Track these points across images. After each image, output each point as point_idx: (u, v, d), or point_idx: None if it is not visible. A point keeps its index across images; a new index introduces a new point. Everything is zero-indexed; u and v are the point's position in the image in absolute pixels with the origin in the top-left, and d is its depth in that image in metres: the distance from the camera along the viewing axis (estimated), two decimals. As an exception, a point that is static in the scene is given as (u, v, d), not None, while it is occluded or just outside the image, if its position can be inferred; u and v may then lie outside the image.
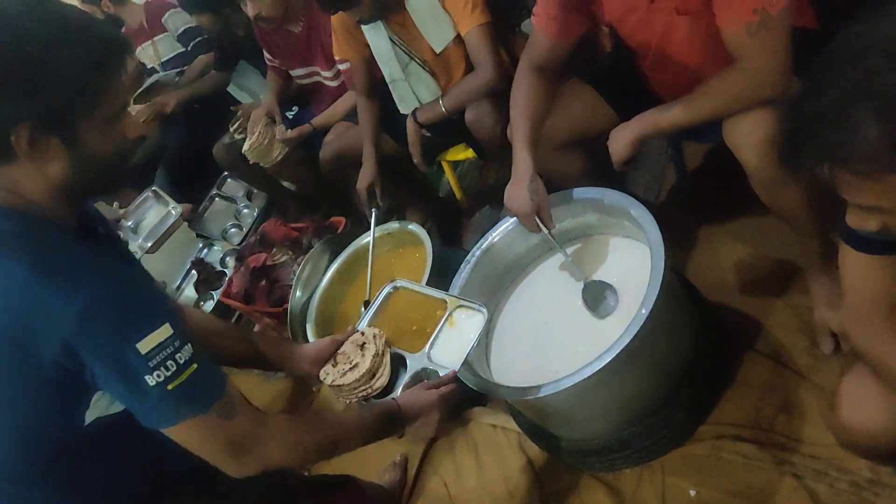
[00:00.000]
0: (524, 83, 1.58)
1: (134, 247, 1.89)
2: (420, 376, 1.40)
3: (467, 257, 1.69)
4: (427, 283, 1.84)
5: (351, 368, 1.38)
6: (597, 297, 1.50)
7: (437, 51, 2.04)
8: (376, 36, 2.07)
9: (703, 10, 1.34)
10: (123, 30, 3.38)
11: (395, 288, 1.58)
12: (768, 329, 1.62)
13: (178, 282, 3.17)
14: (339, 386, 1.38)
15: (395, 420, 1.24)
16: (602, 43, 2.04)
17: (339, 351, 1.44)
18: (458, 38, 2.02)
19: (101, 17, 1.44)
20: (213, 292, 3.03)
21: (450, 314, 1.44)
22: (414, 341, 1.44)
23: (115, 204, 2.38)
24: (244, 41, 2.88)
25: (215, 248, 3.26)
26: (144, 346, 0.93)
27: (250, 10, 2.36)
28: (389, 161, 2.43)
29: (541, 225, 1.49)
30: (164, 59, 3.37)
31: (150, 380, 0.94)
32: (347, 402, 1.44)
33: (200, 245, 3.25)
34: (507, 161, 2.08)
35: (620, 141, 1.45)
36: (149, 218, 2.01)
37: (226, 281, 2.95)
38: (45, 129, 0.92)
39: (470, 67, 2.06)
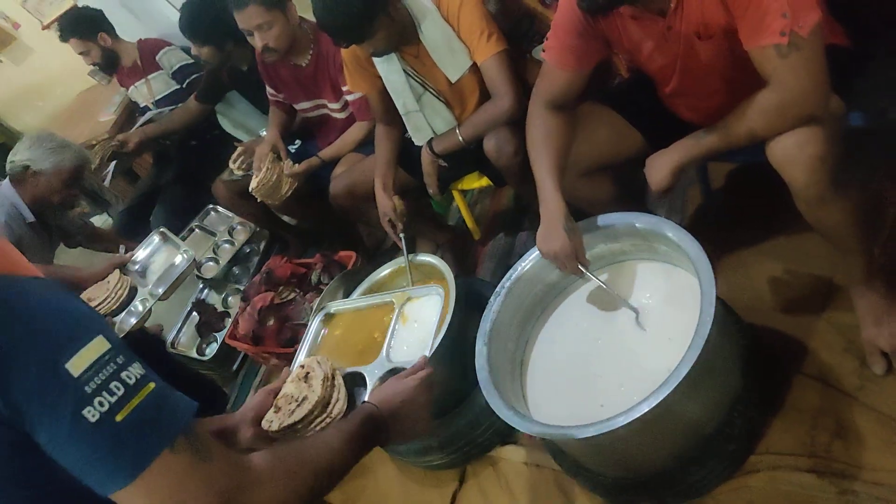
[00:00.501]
0: (540, 122, 1.54)
1: (144, 293, 1.82)
2: None
3: (497, 289, 1.64)
4: (452, 317, 1.78)
5: (299, 404, 1.22)
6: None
7: (453, 80, 2.01)
8: (389, 68, 2.03)
9: (725, 33, 1.31)
10: (119, 68, 3.33)
11: (327, 315, 1.47)
12: (813, 350, 1.57)
13: (179, 324, 3.08)
14: (292, 425, 1.19)
15: (376, 423, 1.05)
16: (616, 66, 2.02)
17: (278, 396, 1.26)
18: (473, 67, 1.99)
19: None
20: (216, 334, 2.94)
21: (399, 312, 1.33)
22: (368, 358, 1.32)
23: (122, 248, 2.32)
24: (244, 76, 2.84)
25: (217, 288, 3.17)
26: (77, 364, 0.71)
27: (258, 42, 2.30)
28: (400, 192, 2.38)
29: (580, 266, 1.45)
30: (159, 96, 3.31)
31: (91, 413, 0.70)
32: None
33: (201, 286, 3.16)
34: (526, 188, 2.06)
35: (660, 169, 1.41)
36: (157, 261, 1.94)
37: (230, 322, 2.87)
38: None
39: (485, 96, 2.03)
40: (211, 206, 3.25)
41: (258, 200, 2.64)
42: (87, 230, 2.64)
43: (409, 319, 1.30)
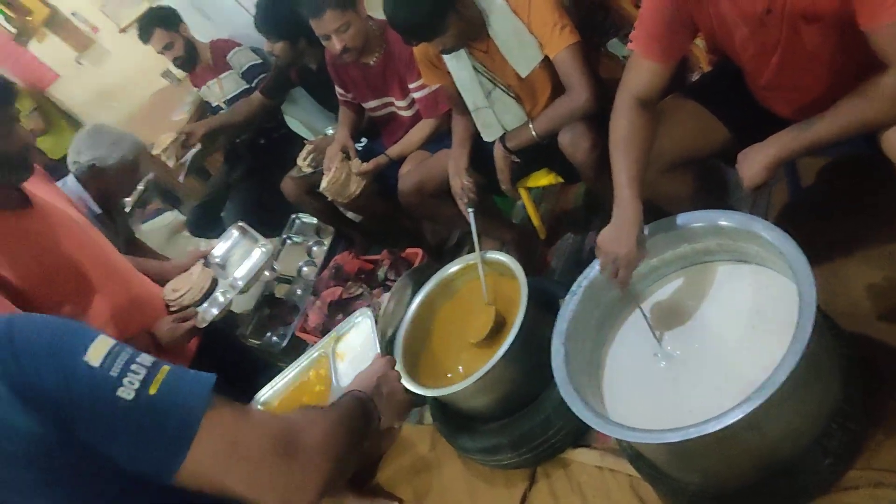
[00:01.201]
0: (625, 121, 1.48)
1: (224, 285, 1.86)
2: None
3: (573, 287, 1.59)
4: (524, 316, 1.75)
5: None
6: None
7: (523, 75, 1.98)
8: (458, 65, 2.02)
9: (836, 14, 1.23)
10: (196, 68, 3.40)
11: (262, 404, 1.52)
12: (917, 362, 1.47)
13: (250, 317, 3.15)
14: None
15: (365, 403, 1.09)
16: (696, 59, 1.95)
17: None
18: (544, 61, 1.95)
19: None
20: (285, 327, 3.00)
21: (333, 354, 1.34)
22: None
23: (202, 242, 2.39)
24: (313, 74, 2.87)
25: (286, 282, 3.24)
26: (93, 356, 0.75)
27: (336, 45, 2.32)
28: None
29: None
30: (230, 95, 3.39)
31: (125, 392, 0.73)
32: None
33: (271, 279, 3.22)
34: (601, 184, 2.00)
35: (755, 164, 1.34)
36: (236, 255, 1.98)
37: (299, 315, 2.92)
38: None
39: (557, 90, 1.99)
40: (294, 215, 3.34)
41: (328, 199, 2.66)
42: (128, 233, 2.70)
43: (346, 353, 1.34)
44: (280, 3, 2.58)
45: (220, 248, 2.01)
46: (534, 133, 1.97)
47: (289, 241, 3.35)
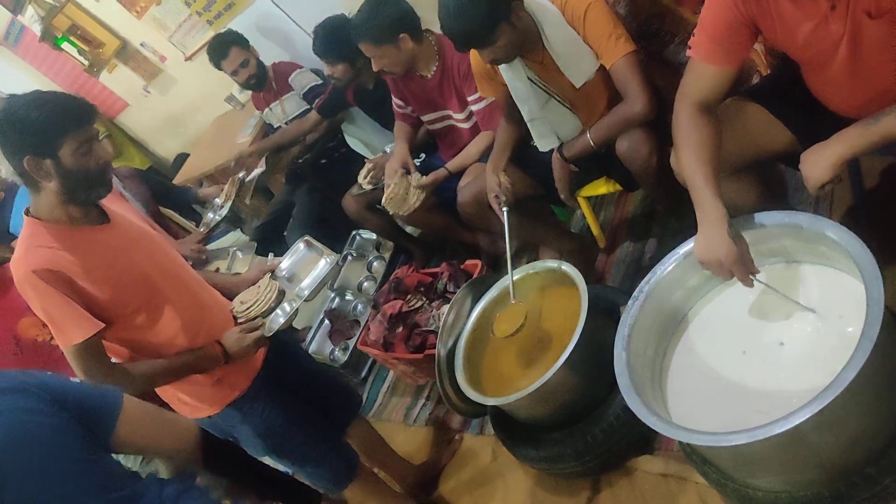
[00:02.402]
0: (691, 126, 1.47)
1: (291, 294, 1.93)
2: None
3: (635, 293, 1.59)
4: (584, 324, 1.77)
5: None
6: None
7: (577, 86, 2.00)
8: (514, 76, 2.05)
9: None
10: (265, 88, 3.53)
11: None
12: None
13: (312, 332, 3.23)
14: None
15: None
16: (754, 64, 1.94)
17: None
18: (599, 71, 1.97)
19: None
20: (347, 341, 3.07)
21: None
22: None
23: (270, 255, 2.47)
24: (370, 94, 2.96)
25: (347, 297, 3.31)
26: None
27: (374, 66, 2.44)
28: (523, 199, 2.39)
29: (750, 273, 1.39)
30: (291, 117, 3.51)
31: None
32: None
33: (332, 295, 3.30)
34: (661, 191, 2.01)
35: (820, 162, 1.32)
36: (302, 267, 2.06)
37: (360, 329, 2.98)
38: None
39: (613, 99, 2.01)
40: (355, 231, 3.43)
41: (388, 213, 2.73)
42: None
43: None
44: (337, 28, 2.69)
45: (286, 261, 2.09)
46: (591, 142, 1.99)
47: (349, 257, 3.44)
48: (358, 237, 3.45)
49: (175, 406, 1.86)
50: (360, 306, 3.21)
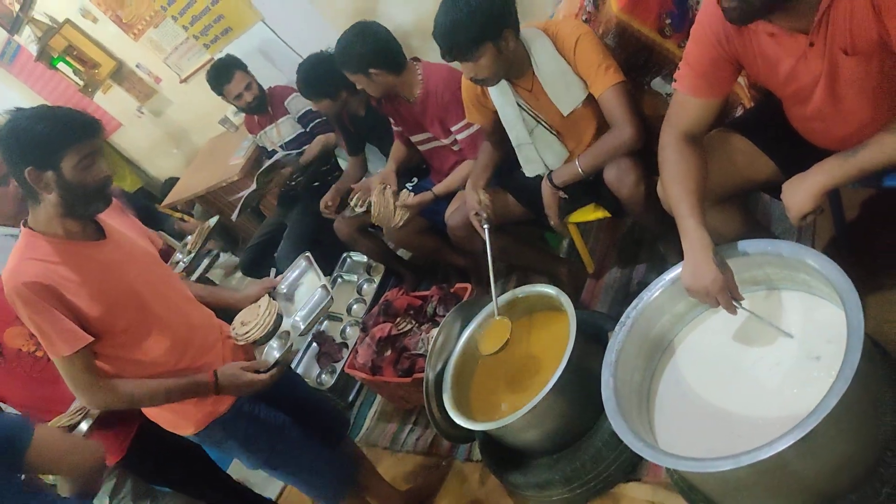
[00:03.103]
0: (677, 156, 1.51)
1: (288, 324, 1.95)
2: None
3: (622, 318, 1.61)
4: (573, 349, 1.78)
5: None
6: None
7: (565, 114, 2.04)
8: (504, 101, 2.09)
9: (875, 48, 1.26)
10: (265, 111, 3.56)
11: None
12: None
13: (300, 355, 3.22)
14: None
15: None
16: (738, 96, 1.98)
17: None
18: (587, 100, 2.01)
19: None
20: (335, 364, 3.06)
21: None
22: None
23: (273, 271, 2.50)
24: (362, 121, 3.00)
25: (335, 319, 3.31)
26: None
27: (357, 86, 2.52)
28: (514, 225, 2.42)
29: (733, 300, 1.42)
30: (286, 139, 3.54)
31: None
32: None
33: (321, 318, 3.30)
34: (648, 218, 2.03)
35: (801, 192, 1.36)
36: (302, 287, 2.08)
37: (349, 352, 2.98)
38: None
39: (600, 127, 2.04)
40: (346, 253, 3.45)
41: (380, 237, 2.75)
42: None
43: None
44: (315, 65, 2.79)
45: (287, 278, 2.10)
46: (580, 170, 2.02)
47: (340, 280, 3.45)
48: (349, 259, 3.46)
49: (157, 419, 1.86)
50: (348, 329, 3.21)
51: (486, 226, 2.21)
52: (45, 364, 2.09)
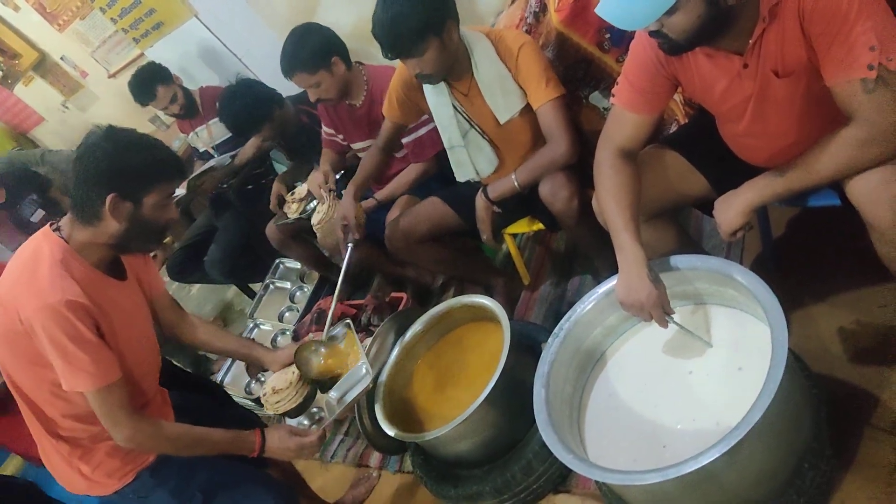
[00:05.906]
0: (612, 171, 1.53)
1: (321, 401, 2.03)
2: None
3: (555, 330, 1.62)
4: (506, 360, 1.77)
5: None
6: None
7: (502, 122, 2.03)
8: (439, 101, 2.07)
9: (804, 70, 1.31)
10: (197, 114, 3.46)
11: None
12: (885, 402, 1.50)
13: (227, 364, 3.11)
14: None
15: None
16: (672, 112, 2.03)
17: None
18: (523, 110, 2.02)
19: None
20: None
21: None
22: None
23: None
24: (294, 138, 2.95)
25: (264, 327, 3.22)
26: None
27: (312, 97, 2.43)
28: (450, 235, 2.40)
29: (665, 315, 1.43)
30: (218, 141, 3.43)
31: None
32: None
33: (250, 325, 3.21)
34: (581, 233, 2.05)
35: (731, 209, 1.39)
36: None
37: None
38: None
39: (535, 139, 2.05)
40: (279, 259, 3.37)
41: (309, 242, 2.69)
42: None
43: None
44: (235, 104, 2.71)
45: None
46: (516, 184, 2.02)
47: (272, 287, 3.35)
48: (281, 266, 3.38)
49: (67, 480, 1.64)
50: (279, 338, 3.12)
51: (350, 244, 2.22)
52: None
